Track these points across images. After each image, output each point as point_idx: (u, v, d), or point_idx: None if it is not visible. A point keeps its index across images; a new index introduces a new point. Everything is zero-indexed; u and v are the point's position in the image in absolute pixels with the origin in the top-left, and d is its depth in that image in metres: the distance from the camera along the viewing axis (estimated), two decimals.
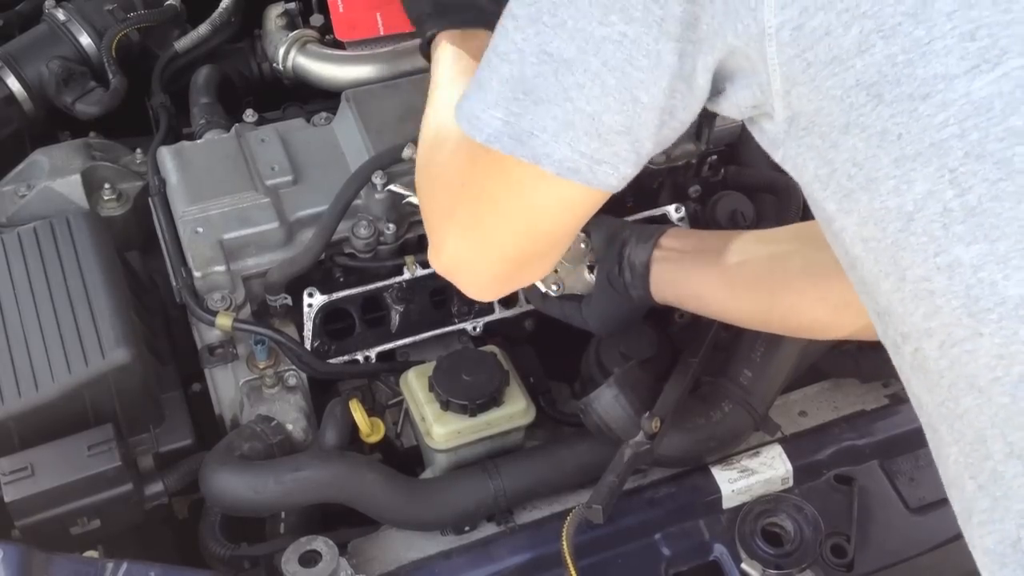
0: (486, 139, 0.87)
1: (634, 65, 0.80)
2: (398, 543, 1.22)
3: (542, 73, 0.83)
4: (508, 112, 0.85)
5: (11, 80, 1.63)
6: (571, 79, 0.82)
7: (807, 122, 0.77)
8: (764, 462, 1.25)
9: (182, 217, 1.40)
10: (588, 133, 0.84)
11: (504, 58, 0.85)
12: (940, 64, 0.69)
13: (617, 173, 0.87)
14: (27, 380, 1.20)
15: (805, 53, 0.73)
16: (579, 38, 0.80)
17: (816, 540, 1.18)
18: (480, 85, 0.87)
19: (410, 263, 1.39)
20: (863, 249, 0.79)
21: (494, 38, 0.87)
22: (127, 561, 1.09)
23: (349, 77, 1.61)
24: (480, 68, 0.88)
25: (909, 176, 0.72)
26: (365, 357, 1.38)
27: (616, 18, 0.78)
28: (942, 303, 0.74)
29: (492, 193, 0.93)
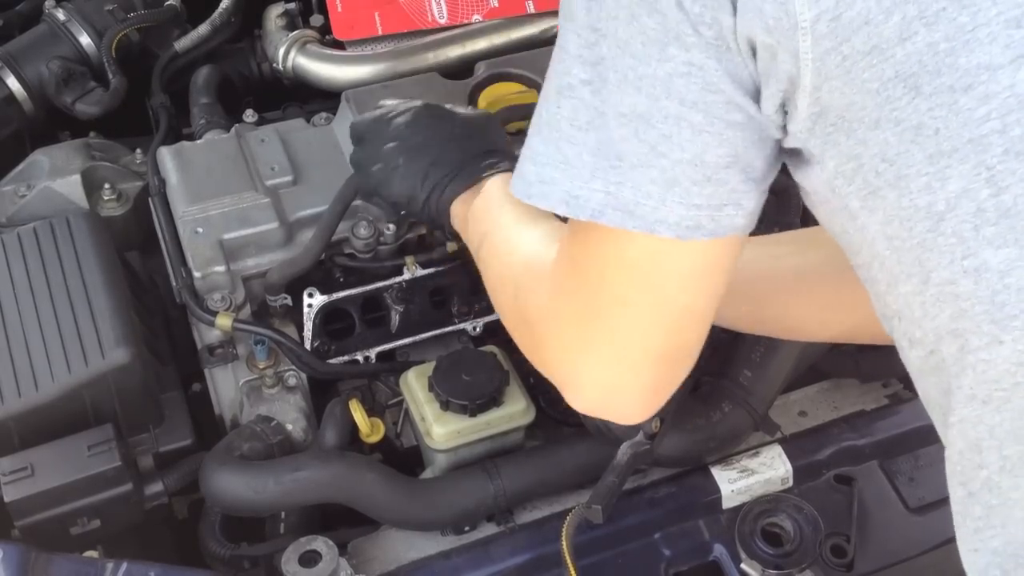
0: (591, 215, 0.79)
1: (713, 91, 0.74)
2: (398, 543, 1.22)
3: (626, 136, 0.77)
4: (607, 183, 0.78)
5: (11, 80, 1.63)
6: (654, 133, 0.76)
7: (835, 117, 0.73)
8: (764, 462, 1.25)
9: (182, 217, 1.40)
10: (696, 182, 0.77)
11: (587, 127, 0.78)
12: (984, 53, 0.66)
13: (742, 211, 0.80)
14: (27, 380, 1.20)
15: (842, 46, 0.69)
16: (646, 86, 0.75)
17: (816, 540, 1.18)
18: (568, 162, 0.80)
19: (410, 263, 1.39)
20: (886, 247, 0.75)
21: (565, 110, 0.79)
22: (127, 561, 1.09)
23: (349, 77, 1.62)
24: (560, 145, 0.80)
25: (944, 173, 0.69)
26: (365, 357, 1.38)
27: (674, 49, 0.73)
28: (966, 307, 0.71)
29: (615, 289, 0.85)
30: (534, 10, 1.67)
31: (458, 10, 1.68)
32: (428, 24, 1.67)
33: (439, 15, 1.67)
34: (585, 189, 0.80)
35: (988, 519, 0.75)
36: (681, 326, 0.88)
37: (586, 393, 0.94)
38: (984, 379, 0.72)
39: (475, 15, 1.67)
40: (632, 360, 0.90)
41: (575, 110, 0.79)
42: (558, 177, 0.81)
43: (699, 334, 0.91)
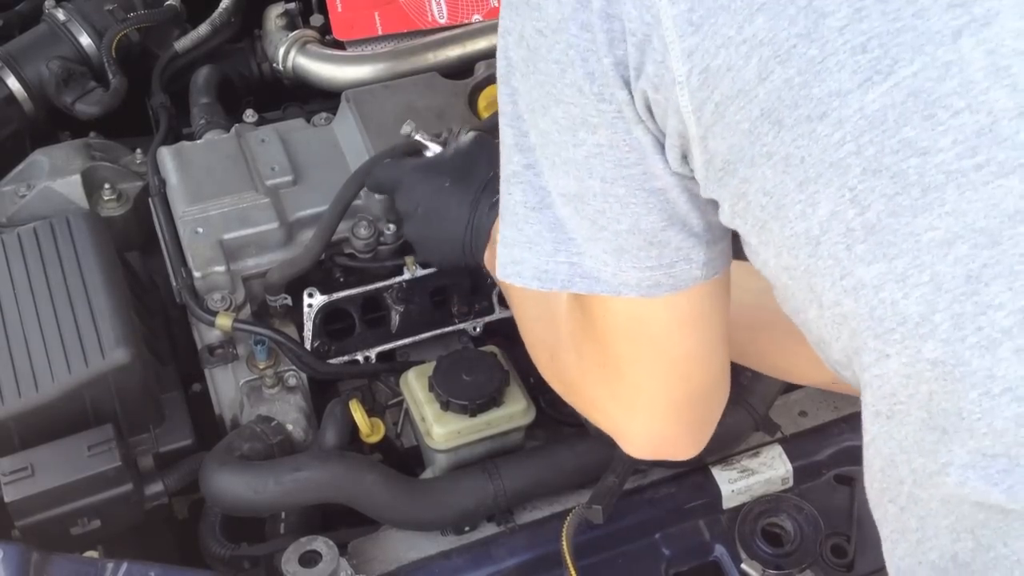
0: (562, 286, 0.85)
1: (626, 164, 0.78)
2: (398, 543, 1.22)
3: (570, 214, 0.82)
4: (569, 254, 0.84)
5: (11, 80, 1.63)
6: (590, 209, 0.80)
7: (721, 162, 0.75)
8: (764, 462, 1.25)
9: (182, 217, 1.40)
10: (640, 247, 0.81)
11: (540, 207, 0.84)
12: (834, 81, 0.68)
13: (694, 264, 0.84)
14: (27, 380, 1.20)
15: (713, 94, 0.72)
16: (571, 169, 0.79)
17: (816, 540, 1.18)
18: (531, 241, 0.85)
19: (410, 263, 1.39)
20: (788, 278, 0.78)
21: (516, 195, 0.85)
22: (127, 561, 1.09)
23: (349, 77, 1.62)
24: (520, 227, 0.86)
25: (813, 199, 0.71)
26: (365, 357, 1.38)
27: (584, 134, 0.77)
28: (854, 326, 0.73)
29: (618, 349, 0.91)
30: None
31: (458, 10, 1.68)
32: (428, 24, 1.67)
33: (439, 15, 1.68)
34: (551, 263, 0.85)
35: (923, 531, 0.75)
36: (691, 372, 0.93)
37: (636, 444, 1.00)
38: (881, 394, 0.73)
39: (475, 15, 1.67)
40: (662, 409, 0.95)
41: (525, 193, 0.84)
42: (526, 256, 0.86)
43: (715, 373, 0.95)
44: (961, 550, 0.72)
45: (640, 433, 0.98)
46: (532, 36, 0.77)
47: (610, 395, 0.97)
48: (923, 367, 0.69)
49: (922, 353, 0.69)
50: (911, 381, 0.71)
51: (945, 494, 0.71)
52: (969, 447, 0.68)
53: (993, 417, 0.67)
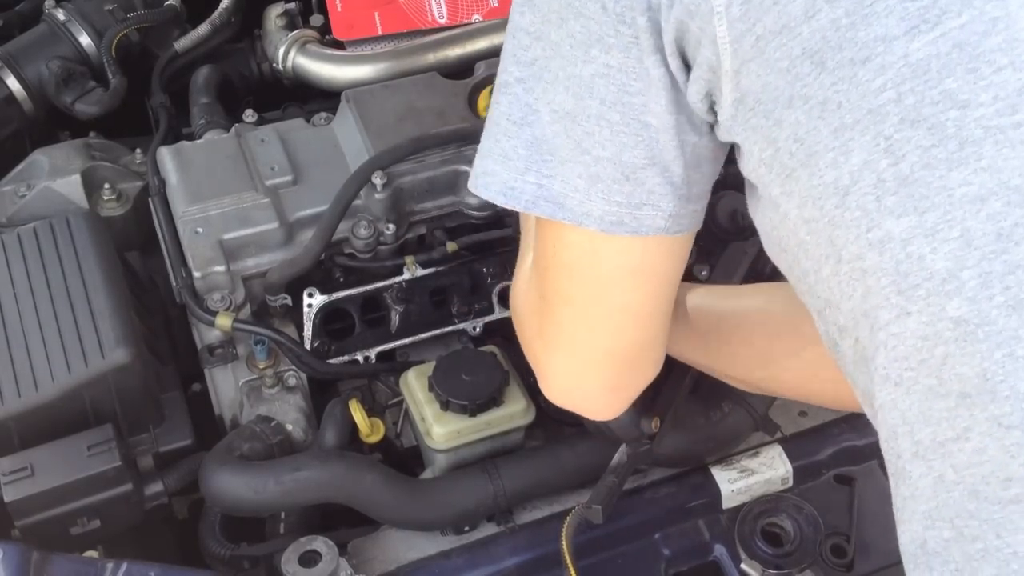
0: (525, 206, 0.84)
1: (630, 92, 0.78)
2: (398, 543, 1.22)
3: (557, 132, 0.81)
4: (540, 175, 0.83)
5: (11, 80, 1.63)
6: (579, 130, 0.80)
7: (753, 101, 0.74)
8: (764, 462, 1.25)
9: (182, 217, 1.40)
10: (616, 180, 0.81)
11: (522, 123, 0.83)
12: (881, 26, 0.67)
13: (661, 212, 0.83)
14: (27, 380, 1.20)
15: (755, 26, 0.71)
16: (573, 85, 0.79)
17: (816, 540, 1.18)
18: (506, 156, 0.85)
19: (410, 263, 1.39)
20: (806, 232, 0.76)
21: (503, 105, 0.84)
22: (127, 561, 1.09)
23: (349, 77, 1.62)
24: (498, 138, 0.85)
25: (847, 147, 0.70)
26: (365, 357, 1.38)
27: (596, 51, 0.77)
28: (873, 282, 0.71)
29: (559, 285, 0.91)
30: None
31: (458, 10, 1.68)
32: (428, 24, 1.67)
33: (439, 15, 1.67)
34: (520, 181, 0.84)
35: (902, 511, 0.74)
36: (623, 325, 0.92)
37: (552, 385, 1.00)
38: (894, 356, 0.71)
39: (475, 15, 1.67)
40: (584, 357, 0.95)
41: (511, 106, 0.84)
42: (498, 169, 0.86)
43: (647, 336, 0.95)
44: (932, 538, 0.70)
45: (557, 375, 0.98)
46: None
47: (539, 330, 0.96)
48: (944, 326, 0.67)
49: (946, 311, 0.67)
50: (927, 343, 0.69)
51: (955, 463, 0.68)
52: (989, 412, 0.66)
53: (1016, 380, 0.65)
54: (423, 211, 1.45)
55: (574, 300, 0.91)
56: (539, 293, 0.95)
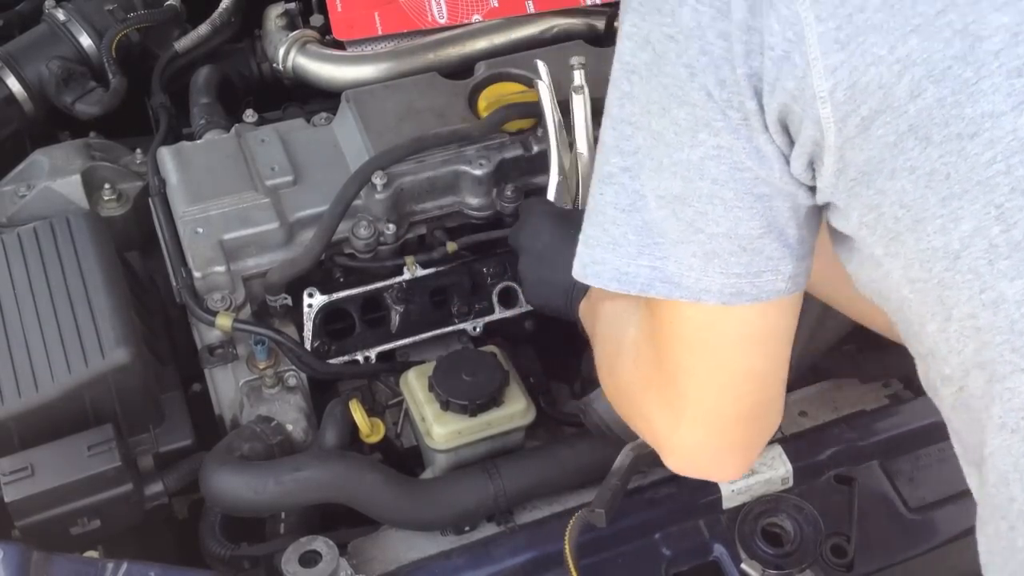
0: (640, 289, 0.86)
1: (741, 168, 0.80)
2: (398, 543, 1.22)
3: (666, 216, 0.83)
4: (653, 258, 0.85)
5: (11, 80, 1.63)
6: (690, 211, 0.82)
7: (856, 172, 0.78)
8: (764, 462, 1.25)
9: (182, 217, 1.40)
10: (733, 252, 0.83)
11: (630, 209, 0.85)
12: (988, 103, 0.71)
13: (781, 275, 0.85)
14: (27, 380, 1.20)
15: (859, 108, 0.74)
16: (680, 170, 0.81)
17: (816, 540, 1.18)
18: (616, 242, 0.87)
19: (410, 263, 1.39)
20: (910, 291, 0.80)
21: (608, 195, 0.86)
22: (127, 561, 1.09)
23: (349, 77, 1.62)
24: (606, 227, 0.87)
25: (956, 214, 0.74)
26: (365, 357, 1.38)
27: (704, 135, 0.79)
28: (988, 339, 0.75)
29: (677, 358, 0.91)
30: (534, 10, 1.67)
31: (458, 10, 1.68)
32: (428, 24, 1.67)
33: (439, 15, 1.67)
34: (633, 266, 0.86)
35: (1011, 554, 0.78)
36: (747, 389, 0.94)
37: (678, 457, 1.00)
38: (1011, 407, 0.75)
39: (475, 15, 1.67)
40: (708, 423, 0.95)
41: (617, 195, 0.86)
42: (608, 257, 0.87)
43: (770, 395, 0.96)
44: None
45: (683, 446, 0.98)
46: (660, 41, 0.78)
47: (660, 403, 0.96)
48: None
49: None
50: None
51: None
52: None
53: None
54: (423, 211, 1.46)
55: (696, 371, 0.92)
56: (656, 367, 0.95)
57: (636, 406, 1.02)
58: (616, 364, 1.04)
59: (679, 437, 0.97)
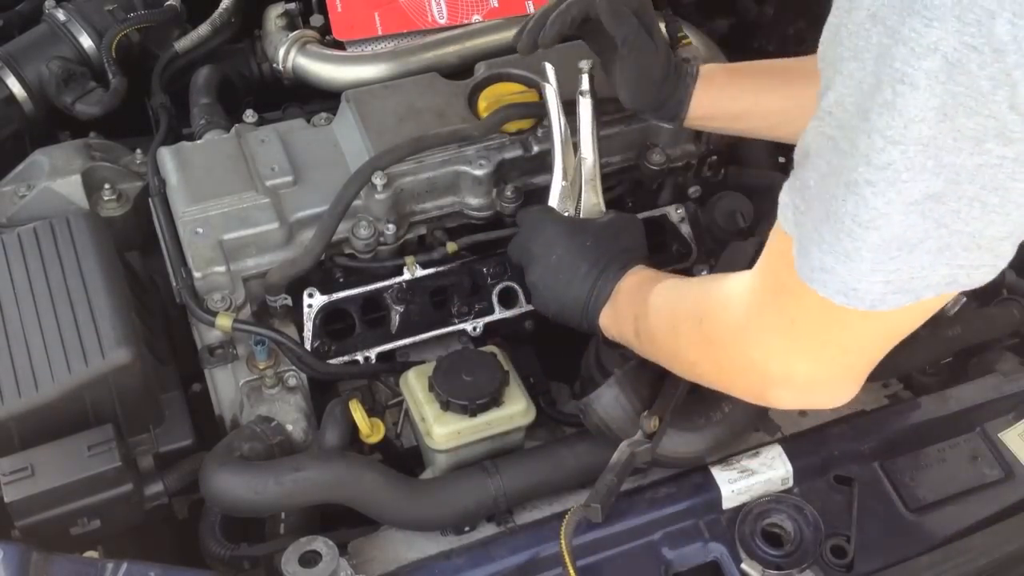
0: (870, 306, 0.87)
1: (1017, 178, 0.79)
2: (398, 543, 1.22)
3: (910, 224, 0.82)
4: (887, 273, 0.85)
5: (11, 80, 1.63)
6: (943, 209, 0.81)
7: None
8: (764, 462, 1.25)
9: (182, 217, 1.40)
10: (967, 248, 0.83)
11: (868, 225, 0.84)
12: None
13: (995, 270, 0.86)
14: (27, 380, 1.20)
15: None
16: (947, 171, 0.80)
17: (816, 540, 1.18)
18: (848, 256, 0.86)
19: (410, 263, 1.39)
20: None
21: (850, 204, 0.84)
22: (127, 561, 1.09)
23: (349, 77, 1.62)
24: (839, 236, 0.86)
25: None
26: (365, 357, 1.38)
27: (992, 144, 0.78)
28: None
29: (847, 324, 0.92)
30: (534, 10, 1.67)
31: (458, 10, 1.68)
32: (428, 24, 1.67)
33: (439, 15, 1.68)
34: (864, 282, 0.86)
35: None
36: (893, 341, 0.96)
37: (795, 388, 1.01)
38: None
39: (475, 15, 1.67)
40: (845, 364, 0.98)
41: (858, 206, 0.84)
42: (838, 268, 0.87)
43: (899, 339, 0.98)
44: None
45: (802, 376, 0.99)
46: (957, 49, 0.76)
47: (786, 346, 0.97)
48: None
49: None
50: None
51: None
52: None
53: None
54: (423, 211, 1.46)
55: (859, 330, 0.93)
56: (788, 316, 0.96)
57: (741, 348, 1.02)
58: (715, 313, 1.05)
59: (804, 374, 0.98)
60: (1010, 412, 1.33)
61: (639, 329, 1.17)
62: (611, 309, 1.23)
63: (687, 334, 1.10)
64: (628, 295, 1.21)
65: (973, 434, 1.31)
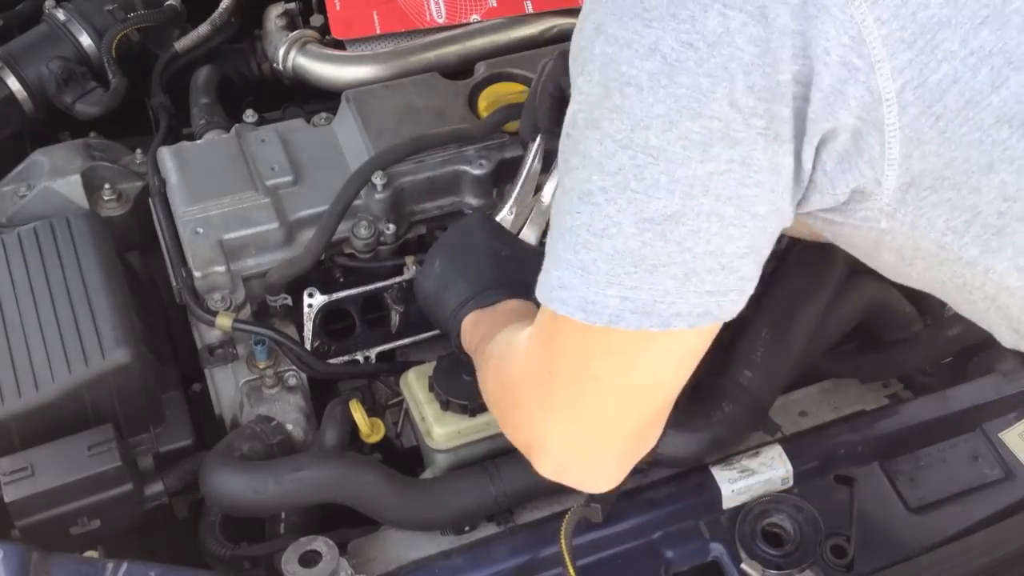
0: (608, 321, 0.81)
1: (747, 184, 0.77)
2: (398, 543, 1.22)
3: (648, 242, 0.79)
4: (623, 288, 0.80)
5: (11, 80, 1.63)
6: (683, 230, 0.78)
7: (932, 179, 0.77)
8: (764, 462, 1.25)
9: (182, 217, 1.40)
10: (711, 270, 0.80)
11: (602, 235, 0.80)
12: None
13: (743, 296, 0.84)
14: (27, 380, 1.20)
15: (932, 107, 0.73)
16: (680, 187, 0.77)
17: (816, 540, 1.18)
18: (584, 269, 0.81)
19: (410, 263, 1.39)
20: (1019, 280, 0.81)
21: (584, 215, 0.81)
22: (127, 561, 1.09)
23: (349, 77, 1.62)
24: (576, 250, 0.82)
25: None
26: (365, 357, 1.38)
27: (719, 149, 0.76)
28: None
29: (599, 374, 0.87)
30: (533, 10, 1.67)
31: (457, 10, 1.68)
32: (426, 23, 1.67)
33: (437, 14, 1.67)
34: (601, 295, 0.81)
35: None
36: (651, 401, 0.91)
37: (551, 458, 0.95)
38: None
39: (473, 15, 1.67)
40: (599, 429, 0.92)
41: (592, 216, 0.81)
42: (576, 283, 0.82)
43: (663, 412, 0.94)
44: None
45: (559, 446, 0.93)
46: (674, 48, 0.74)
47: (542, 400, 0.92)
48: None
49: None
50: None
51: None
52: None
53: None
54: (423, 211, 1.46)
55: (604, 380, 0.88)
56: (547, 368, 0.91)
57: (513, 400, 0.98)
58: (506, 360, 0.99)
59: (558, 440, 0.93)
60: (1010, 412, 1.33)
61: (480, 345, 1.12)
62: (476, 317, 1.18)
63: (488, 375, 1.05)
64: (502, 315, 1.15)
65: (973, 434, 1.31)
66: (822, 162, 0.79)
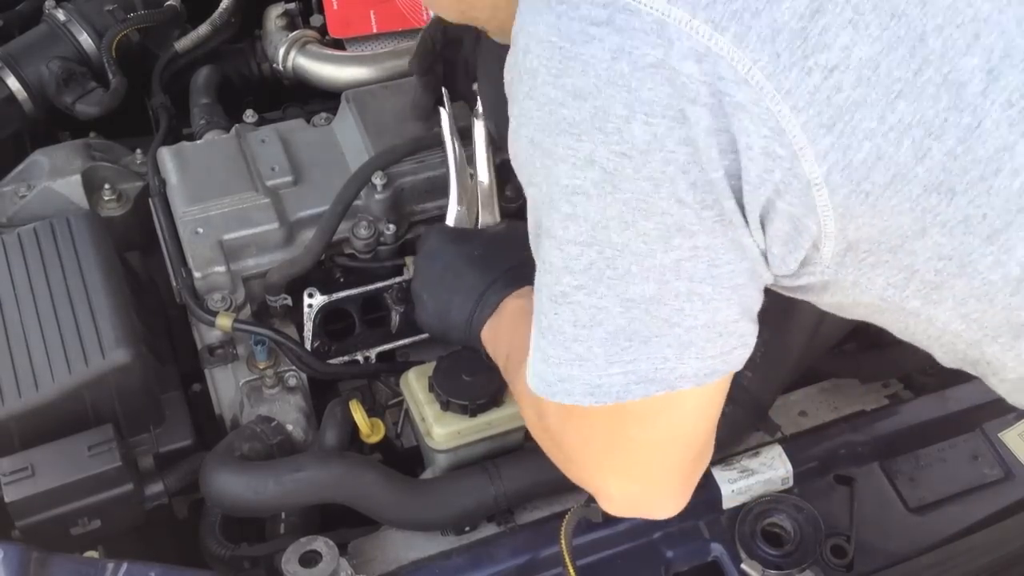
0: (616, 398, 0.85)
1: (718, 264, 0.80)
2: (398, 543, 1.22)
3: (636, 318, 0.82)
4: (623, 363, 0.84)
5: (11, 80, 1.63)
6: (666, 309, 0.81)
7: (869, 244, 0.79)
8: (764, 462, 1.25)
9: (182, 217, 1.40)
10: (709, 339, 0.83)
11: (591, 324, 0.83)
12: (996, 139, 0.73)
13: (748, 347, 0.87)
14: (27, 380, 1.20)
15: (860, 185, 0.75)
16: (653, 274, 0.80)
17: (816, 540, 1.18)
18: (582, 358, 0.85)
19: (410, 263, 1.39)
20: (962, 324, 0.84)
21: (565, 315, 0.84)
22: (127, 561, 1.09)
23: (349, 77, 1.62)
24: (567, 346, 0.85)
25: (1006, 245, 0.77)
26: (365, 357, 1.38)
27: (679, 239, 0.78)
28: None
29: (634, 436, 0.91)
30: None
31: None
32: (423, 22, 1.67)
33: None
34: (604, 377, 0.85)
35: None
36: (696, 444, 0.95)
37: (616, 505, 0.99)
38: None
39: None
40: (653, 478, 0.96)
41: (575, 313, 0.84)
42: (576, 373, 0.86)
43: (712, 435, 0.96)
44: None
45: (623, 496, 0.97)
46: (610, 159, 0.76)
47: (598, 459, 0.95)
48: None
49: None
50: None
51: None
52: None
53: None
54: (423, 211, 1.46)
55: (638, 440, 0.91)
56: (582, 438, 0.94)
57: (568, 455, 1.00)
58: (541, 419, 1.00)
59: (623, 492, 0.97)
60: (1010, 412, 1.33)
61: (507, 369, 1.13)
62: (491, 330, 1.18)
63: (530, 418, 1.06)
64: (511, 320, 1.15)
65: (973, 434, 1.31)
66: (770, 244, 0.81)
